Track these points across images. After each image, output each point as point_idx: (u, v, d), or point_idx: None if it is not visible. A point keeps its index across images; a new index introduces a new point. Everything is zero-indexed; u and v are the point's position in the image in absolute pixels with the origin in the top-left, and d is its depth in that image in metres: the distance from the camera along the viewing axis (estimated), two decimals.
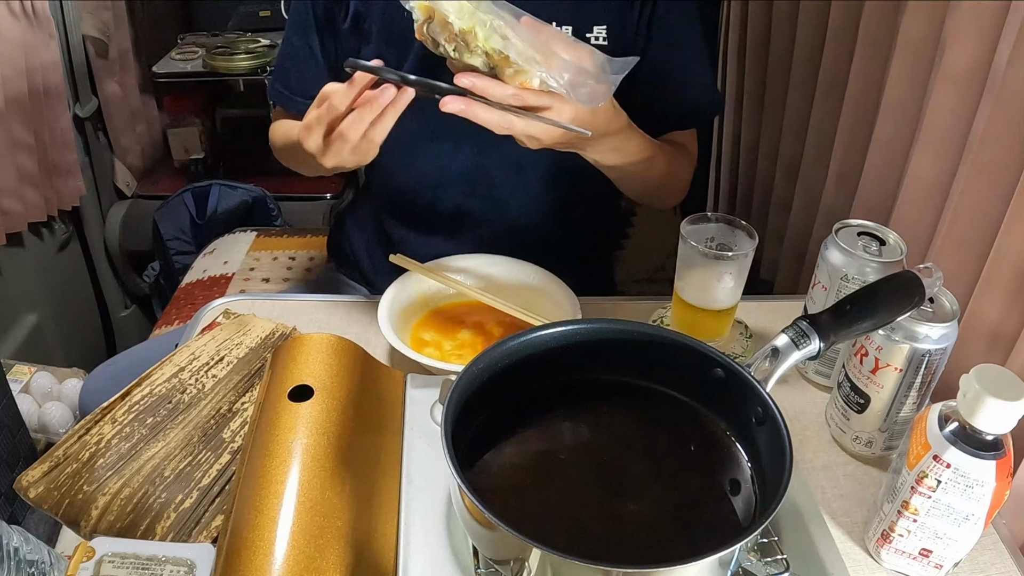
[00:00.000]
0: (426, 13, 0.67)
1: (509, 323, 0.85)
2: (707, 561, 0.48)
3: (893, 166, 0.91)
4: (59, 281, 1.74)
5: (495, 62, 0.67)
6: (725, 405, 0.62)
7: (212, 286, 1.51)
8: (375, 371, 0.74)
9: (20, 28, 1.45)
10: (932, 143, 0.80)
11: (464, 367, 0.59)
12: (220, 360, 0.76)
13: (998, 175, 0.70)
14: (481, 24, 0.65)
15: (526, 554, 0.49)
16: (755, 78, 1.28)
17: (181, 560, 0.58)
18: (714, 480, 0.61)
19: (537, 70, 0.66)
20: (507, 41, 0.66)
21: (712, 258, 0.77)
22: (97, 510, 0.62)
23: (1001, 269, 0.69)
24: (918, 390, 0.67)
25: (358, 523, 0.60)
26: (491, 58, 0.66)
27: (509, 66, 0.66)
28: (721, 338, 0.84)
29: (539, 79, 0.67)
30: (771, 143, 1.23)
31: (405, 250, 0.88)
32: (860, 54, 0.94)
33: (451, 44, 0.67)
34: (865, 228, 0.75)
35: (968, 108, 0.76)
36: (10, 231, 1.51)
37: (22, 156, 1.49)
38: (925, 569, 0.62)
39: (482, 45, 0.66)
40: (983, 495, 0.55)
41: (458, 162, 0.94)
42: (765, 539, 0.55)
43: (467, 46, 0.66)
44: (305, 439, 0.62)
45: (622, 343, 0.64)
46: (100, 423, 0.68)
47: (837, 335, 0.59)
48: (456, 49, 0.67)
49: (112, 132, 1.90)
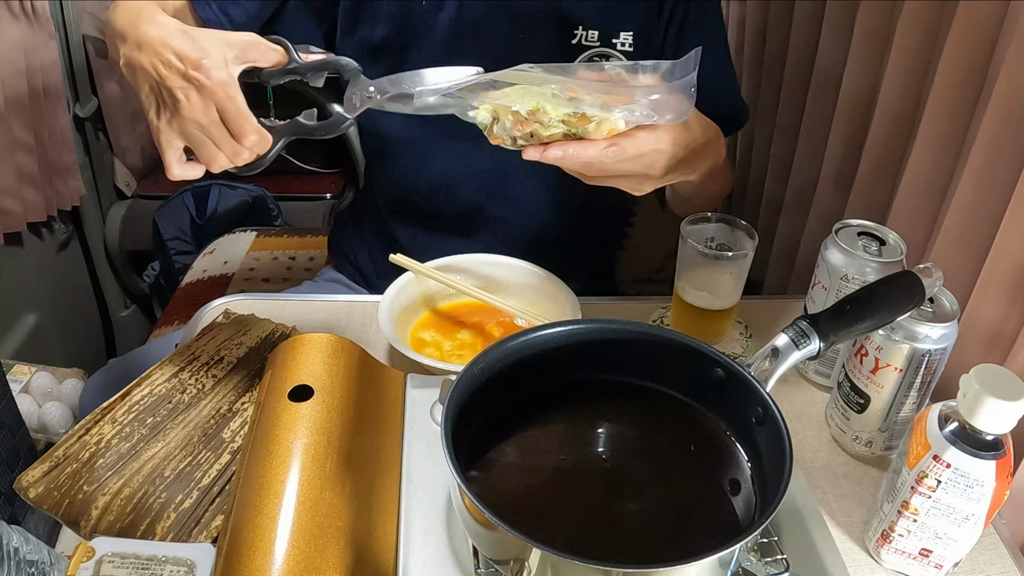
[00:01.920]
0: (491, 115, 0.65)
1: (509, 323, 0.85)
2: (707, 561, 0.48)
3: (890, 166, 0.91)
4: (59, 281, 1.74)
5: (574, 125, 0.64)
6: (725, 405, 0.62)
7: (212, 286, 1.51)
8: (375, 371, 0.74)
9: (20, 28, 1.45)
10: (930, 143, 0.80)
11: (464, 367, 0.59)
12: (220, 360, 0.76)
13: (997, 175, 0.70)
14: (545, 97, 0.63)
15: (526, 554, 0.49)
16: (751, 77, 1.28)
17: (181, 560, 0.58)
18: (714, 480, 0.61)
19: (618, 112, 0.63)
20: (576, 100, 0.63)
21: (712, 258, 0.77)
22: (97, 510, 0.62)
23: (1000, 269, 0.69)
24: (918, 390, 0.67)
25: (358, 523, 0.60)
26: (569, 124, 0.64)
27: (589, 122, 0.64)
28: (721, 338, 0.84)
29: (623, 120, 0.64)
30: (764, 142, 1.23)
31: (413, 251, 0.87)
32: (855, 53, 0.93)
33: (527, 130, 0.65)
34: (865, 228, 0.75)
35: (966, 108, 0.75)
36: (10, 231, 1.51)
37: (22, 156, 1.49)
38: (925, 569, 0.62)
39: (555, 115, 0.63)
40: (983, 495, 0.55)
41: (475, 162, 0.92)
42: (765, 539, 0.55)
43: (542, 124, 0.64)
44: (305, 439, 0.62)
45: (622, 343, 0.64)
46: (100, 423, 0.68)
47: (837, 335, 0.59)
48: (533, 134, 0.65)
49: (112, 132, 1.90)
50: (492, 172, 0.93)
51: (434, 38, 0.87)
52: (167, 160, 0.66)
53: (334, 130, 0.68)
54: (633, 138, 0.65)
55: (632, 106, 0.63)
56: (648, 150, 0.66)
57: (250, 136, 0.65)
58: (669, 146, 0.67)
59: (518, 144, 0.66)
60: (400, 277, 0.86)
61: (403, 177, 0.97)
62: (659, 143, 0.67)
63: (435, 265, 0.87)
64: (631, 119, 0.64)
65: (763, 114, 1.22)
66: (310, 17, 0.89)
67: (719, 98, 0.90)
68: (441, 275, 0.86)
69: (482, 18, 0.86)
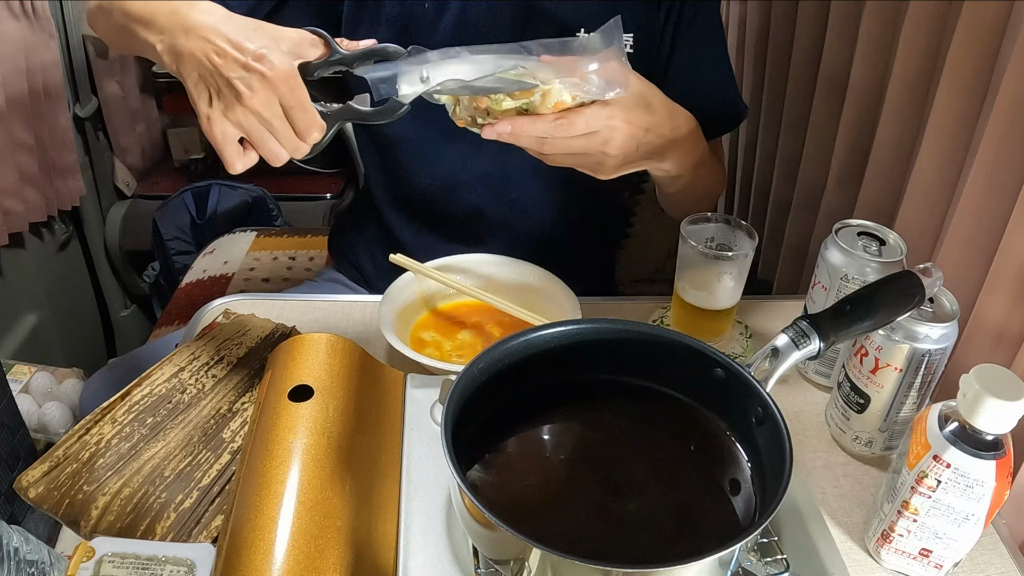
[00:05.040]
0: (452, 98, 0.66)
1: (509, 323, 0.85)
2: (707, 561, 0.48)
3: (897, 167, 0.91)
4: (59, 281, 1.74)
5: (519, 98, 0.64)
6: (725, 405, 0.62)
7: (212, 286, 1.51)
8: (375, 371, 0.74)
9: (20, 28, 1.45)
10: (937, 144, 0.80)
11: (464, 367, 0.59)
12: (220, 360, 0.76)
13: (1003, 176, 0.70)
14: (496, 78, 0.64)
15: (526, 554, 0.49)
16: (754, 77, 1.28)
17: (181, 560, 0.58)
18: (714, 480, 0.61)
19: (558, 82, 0.64)
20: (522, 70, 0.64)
21: (712, 258, 0.77)
22: (97, 510, 0.62)
23: (1006, 270, 0.69)
24: (918, 390, 0.67)
25: (358, 523, 0.60)
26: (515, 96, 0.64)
27: (532, 94, 0.64)
28: (721, 338, 0.84)
29: (567, 93, 0.65)
30: (770, 142, 1.23)
31: (415, 251, 0.87)
32: (861, 54, 0.93)
33: (482, 107, 0.65)
34: (865, 228, 0.75)
35: (972, 109, 0.75)
36: (11, 231, 1.51)
37: (22, 156, 1.49)
38: (925, 569, 0.62)
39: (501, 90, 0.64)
40: (983, 495, 0.55)
41: (477, 164, 0.92)
42: (765, 539, 0.55)
43: (491, 99, 0.64)
44: (305, 439, 0.62)
45: (622, 343, 0.64)
46: (100, 423, 0.68)
47: (837, 335, 0.59)
48: (489, 111, 0.65)
49: (112, 132, 1.90)
50: (494, 174, 0.93)
51: (436, 40, 0.87)
52: (228, 155, 0.63)
53: (390, 115, 0.66)
54: (582, 113, 0.65)
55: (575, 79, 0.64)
56: (600, 125, 0.66)
57: (314, 133, 0.63)
58: (623, 123, 0.67)
59: (478, 124, 0.66)
60: (400, 277, 0.86)
61: (405, 178, 0.97)
62: (611, 119, 0.67)
63: (435, 265, 0.87)
64: (579, 94, 0.65)
65: (769, 114, 1.22)
66: (311, 18, 0.89)
67: (715, 95, 0.90)
68: (441, 275, 0.86)
69: (484, 20, 0.86)
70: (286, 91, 0.61)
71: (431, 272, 0.86)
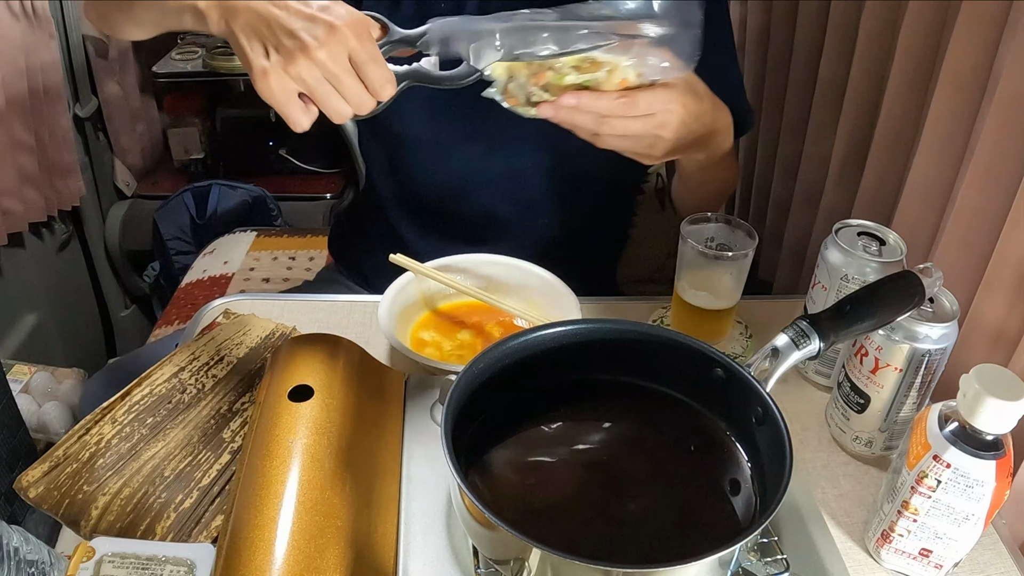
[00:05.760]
0: (507, 72, 0.64)
1: (509, 323, 0.85)
2: (707, 561, 0.48)
3: (895, 166, 0.91)
4: (59, 281, 1.74)
5: (587, 71, 0.62)
6: (725, 405, 0.62)
7: (212, 286, 1.52)
8: (375, 371, 0.74)
9: (20, 28, 1.45)
10: (934, 144, 0.80)
11: (464, 367, 0.59)
12: (220, 360, 0.76)
13: (1001, 176, 0.70)
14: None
15: (526, 554, 0.49)
16: (754, 77, 1.28)
17: (181, 560, 0.58)
18: (714, 480, 0.61)
19: (625, 60, 0.62)
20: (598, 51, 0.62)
21: (712, 258, 0.77)
22: (97, 510, 0.62)
23: (1004, 270, 0.69)
24: (918, 390, 0.67)
25: (358, 523, 0.60)
26: (582, 69, 0.62)
27: (600, 67, 0.62)
28: (721, 338, 0.84)
29: (633, 71, 0.63)
30: (770, 142, 1.23)
31: (421, 252, 0.87)
32: (860, 55, 0.93)
33: (541, 82, 0.63)
34: (865, 228, 0.75)
35: (970, 109, 0.76)
36: (11, 231, 1.51)
37: (22, 156, 1.49)
38: (925, 569, 0.62)
39: (567, 61, 0.62)
40: (983, 495, 0.55)
41: (490, 167, 0.92)
42: (765, 539, 0.55)
43: (554, 71, 0.63)
44: (305, 439, 0.62)
45: (622, 343, 0.64)
46: (100, 423, 0.68)
47: (837, 335, 0.59)
48: (548, 87, 0.63)
49: (112, 132, 1.90)
50: (506, 176, 0.93)
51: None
52: (291, 113, 0.58)
53: (459, 81, 0.63)
54: (646, 92, 0.64)
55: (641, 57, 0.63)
56: (660, 107, 0.65)
57: (388, 88, 0.59)
58: (680, 107, 0.66)
59: (531, 102, 0.64)
60: (400, 277, 0.86)
61: (414, 179, 0.96)
62: (671, 102, 0.66)
63: (435, 265, 0.87)
64: (643, 71, 0.64)
65: (768, 115, 1.23)
66: None
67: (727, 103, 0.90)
68: (441, 275, 0.86)
69: None
70: (358, 44, 0.57)
71: (431, 272, 0.86)
